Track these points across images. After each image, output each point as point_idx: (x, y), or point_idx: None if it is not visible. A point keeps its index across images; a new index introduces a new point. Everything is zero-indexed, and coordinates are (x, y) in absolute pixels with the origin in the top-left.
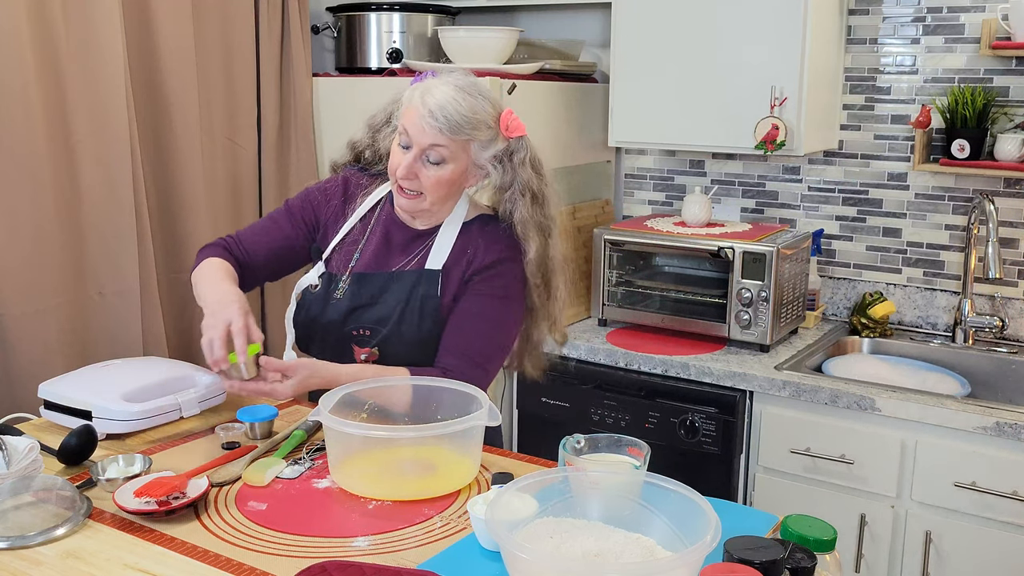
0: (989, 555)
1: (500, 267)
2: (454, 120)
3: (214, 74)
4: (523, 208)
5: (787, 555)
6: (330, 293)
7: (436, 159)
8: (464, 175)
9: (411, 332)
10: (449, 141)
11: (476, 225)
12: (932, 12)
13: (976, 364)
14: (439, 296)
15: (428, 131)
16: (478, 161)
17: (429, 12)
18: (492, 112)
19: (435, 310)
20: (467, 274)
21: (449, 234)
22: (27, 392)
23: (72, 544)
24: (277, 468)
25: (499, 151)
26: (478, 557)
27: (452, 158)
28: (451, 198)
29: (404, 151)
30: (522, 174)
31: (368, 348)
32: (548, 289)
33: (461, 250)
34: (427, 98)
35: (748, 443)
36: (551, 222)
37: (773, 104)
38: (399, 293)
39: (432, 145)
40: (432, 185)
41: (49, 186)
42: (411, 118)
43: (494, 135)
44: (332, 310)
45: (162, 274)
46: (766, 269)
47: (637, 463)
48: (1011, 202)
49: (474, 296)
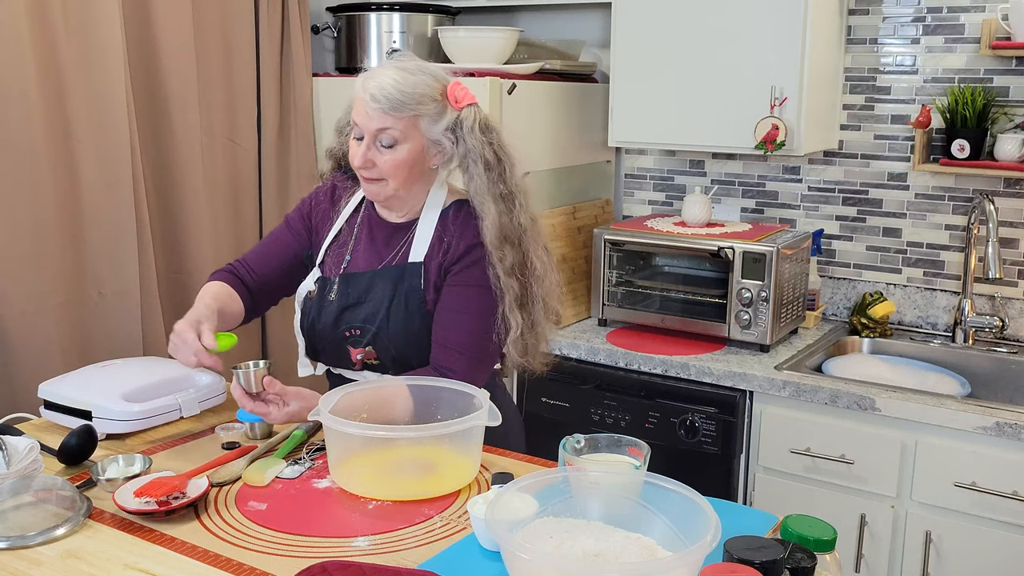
0: (989, 555)
1: (473, 253)
2: (396, 99)
3: (214, 74)
4: (478, 178)
5: (787, 555)
6: (324, 297)
7: (388, 142)
8: (421, 154)
9: (399, 327)
10: (395, 121)
11: (451, 211)
12: (932, 12)
13: (976, 364)
14: (422, 289)
15: (373, 115)
16: (432, 136)
17: (429, 12)
18: (436, 85)
19: (420, 303)
20: (444, 264)
21: (427, 224)
22: (27, 392)
23: (72, 544)
24: (277, 468)
25: (450, 123)
26: (478, 557)
27: (403, 138)
28: (416, 180)
29: (358, 142)
30: (472, 143)
31: (362, 348)
32: (525, 265)
33: (439, 239)
34: (368, 83)
35: (748, 443)
36: (514, 189)
37: (773, 104)
38: (384, 289)
39: (380, 129)
40: (390, 169)
41: (49, 186)
42: (357, 108)
43: (441, 108)
44: (326, 314)
45: (162, 274)
46: (766, 269)
47: (637, 463)
48: (1011, 202)
49: (455, 289)
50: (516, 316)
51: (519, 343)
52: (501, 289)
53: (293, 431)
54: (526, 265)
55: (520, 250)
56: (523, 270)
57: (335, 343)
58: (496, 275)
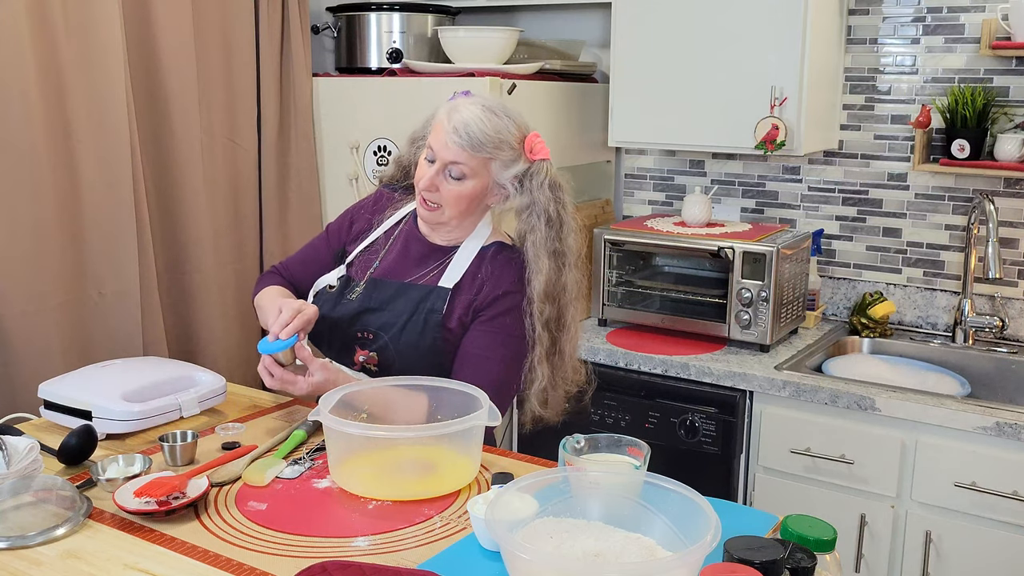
0: (989, 555)
1: (507, 300)
2: (476, 138)
3: (214, 74)
4: (538, 231)
5: (787, 555)
6: (345, 294)
7: (457, 175)
8: (484, 192)
9: (410, 343)
10: (470, 158)
11: (492, 251)
12: (932, 12)
13: (976, 364)
14: (443, 313)
15: (451, 147)
16: (499, 180)
17: (429, 12)
18: (516, 134)
19: (436, 326)
20: (475, 303)
21: (466, 255)
22: (27, 392)
23: (72, 544)
24: (277, 468)
25: (520, 172)
26: (478, 557)
27: (472, 175)
28: (470, 215)
29: (429, 165)
30: (539, 196)
31: (368, 351)
32: (560, 321)
33: (473, 274)
34: (453, 116)
35: (748, 443)
36: (567, 249)
37: (773, 104)
38: (407, 304)
39: (453, 162)
40: (452, 199)
41: (49, 186)
42: (437, 134)
43: (516, 156)
44: (342, 309)
45: (162, 274)
46: (766, 269)
47: (637, 463)
48: (1011, 202)
49: (484, 333)
50: (544, 368)
51: (541, 395)
52: (535, 340)
53: (293, 431)
54: (560, 322)
55: (558, 307)
56: (557, 326)
57: (344, 339)
58: (532, 325)
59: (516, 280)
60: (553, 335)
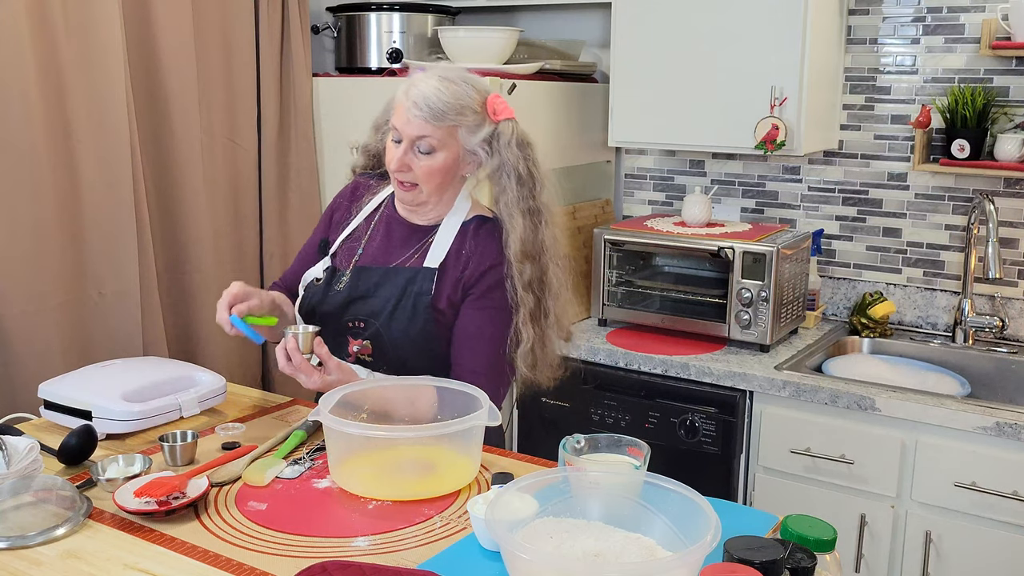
0: (989, 555)
1: (493, 273)
2: (438, 108)
3: (214, 74)
4: (509, 191)
5: (787, 555)
6: (332, 285)
7: (426, 149)
8: (456, 162)
9: (401, 328)
10: (435, 129)
11: (473, 225)
12: (932, 12)
13: (976, 364)
14: (431, 295)
15: (414, 122)
16: (468, 147)
17: (429, 12)
18: (477, 97)
19: (426, 308)
20: (463, 280)
21: (448, 232)
22: (27, 392)
23: (72, 544)
24: (277, 468)
25: (487, 135)
26: (478, 557)
27: (441, 146)
28: (447, 188)
29: (396, 145)
30: (508, 156)
31: (360, 340)
32: (543, 281)
33: (457, 251)
34: (411, 91)
35: (748, 443)
36: (542, 206)
37: (773, 104)
38: (394, 288)
39: (419, 136)
40: (425, 175)
41: (49, 186)
42: (398, 113)
43: (481, 120)
44: (331, 301)
45: (162, 274)
46: (766, 269)
47: (637, 463)
48: (1011, 202)
49: (476, 312)
50: (529, 330)
51: (529, 356)
52: (517, 302)
53: (293, 431)
54: (543, 282)
55: (539, 266)
56: (540, 286)
57: (336, 331)
58: (514, 287)
59: (499, 251)
60: (537, 295)
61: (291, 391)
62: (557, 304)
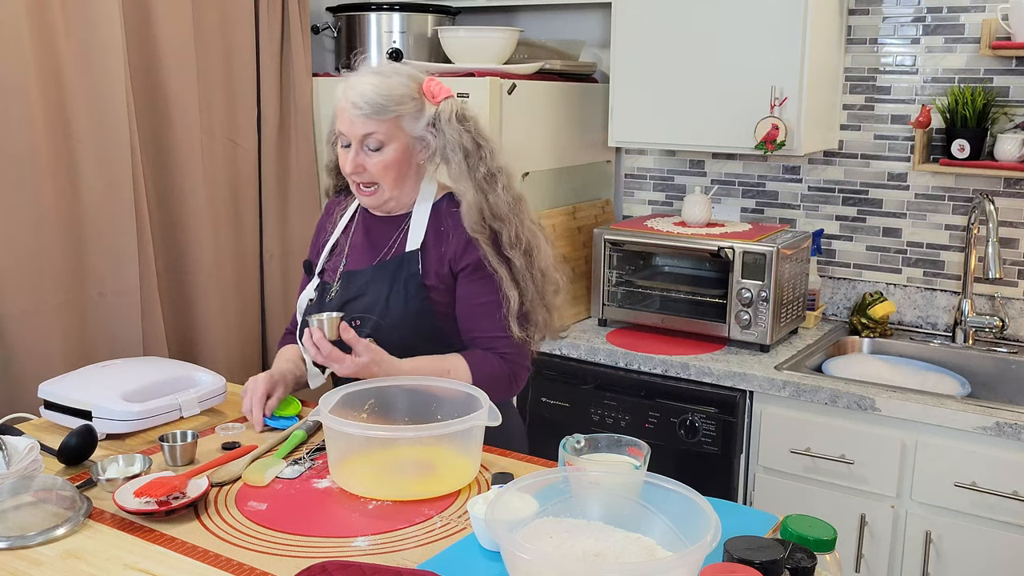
0: (989, 555)
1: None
2: (377, 103)
3: (214, 74)
4: (455, 164)
5: (787, 555)
6: (323, 300)
7: (375, 145)
8: (407, 152)
9: (398, 313)
10: (379, 124)
11: (444, 203)
12: (932, 12)
13: (976, 364)
14: (420, 275)
15: (357, 121)
16: (415, 134)
17: (429, 12)
18: (412, 84)
19: (418, 288)
20: (448, 255)
21: (421, 215)
22: (27, 392)
23: (72, 544)
24: (277, 468)
25: (430, 118)
26: (478, 557)
27: (389, 139)
28: (406, 179)
29: (346, 149)
30: (450, 132)
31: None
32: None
33: (435, 230)
34: (348, 92)
35: (748, 443)
36: (496, 171)
37: (773, 104)
38: (384, 281)
39: (365, 134)
40: (380, 171)
41: (49, 186)
42: (341, 117)
43: (421, 105)
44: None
45: (162, 274)
46: (766, 269)
47: (637, 463)
48: (1011, 202)
49: (471, 283)
50: (513, 292)
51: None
52: (495, 268)
53: (293, 431)
54: (518, 240)
55: (509, 226)
56: (515, 245)
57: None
58: (485, 255)
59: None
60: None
61: None
62: (539, 258)
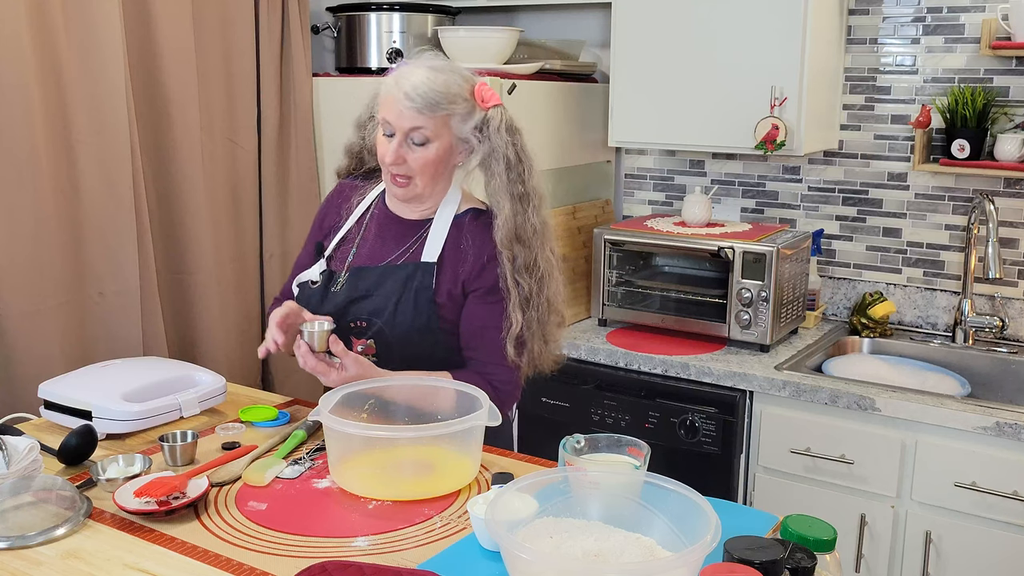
0: (989, 555)
1: (492, 265)
2: (430, 98)
3: (214, 74)
4: (498, 176)
5: (787, 555)
6: (328, 288)
7: (420, 140)
8: (449, 152)
9: (405, 324)
10: (428, 120)
11: (468, 218)
12: (932, 12)
13: (976, 364)
14: (433, 288)
15: (407, 113)
16: (461, 135)
17: (429, 12)
18: (466, 85)
19: (428, 302)
20: (463, 276)
21: (442, 225)
22: (27, 392)
23: (72, 544)
24: (277, 468)
25: (478, 122)
26: (478, 557)
27: (435, 136)
28: (441, 179)
29: (388, 139)
30: (497, 142)
31: (364, 340)
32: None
33: (454, 244)
34: (402, 82)
35: (748, 443)
36: (531, 191)
37: (773, 104)
38: (394, 285)
39: (413, 127)
40: (420, 167)
41: (49, 186)
42: (389, 105)
43: (471, 107)
44: (329, 303)
45: (162, 274)
46: (766, 269)
47: (637, 463)
48: (1011, 202)
49: (483, 305)
50: (518, 315)
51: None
52: (508, 288)
53: (293, 431)
54: (535, 265)
55: (530, 251)
56: (530, 271)
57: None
58: (503, 273)
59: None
60: (527, 281)
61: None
62: (548, 289)
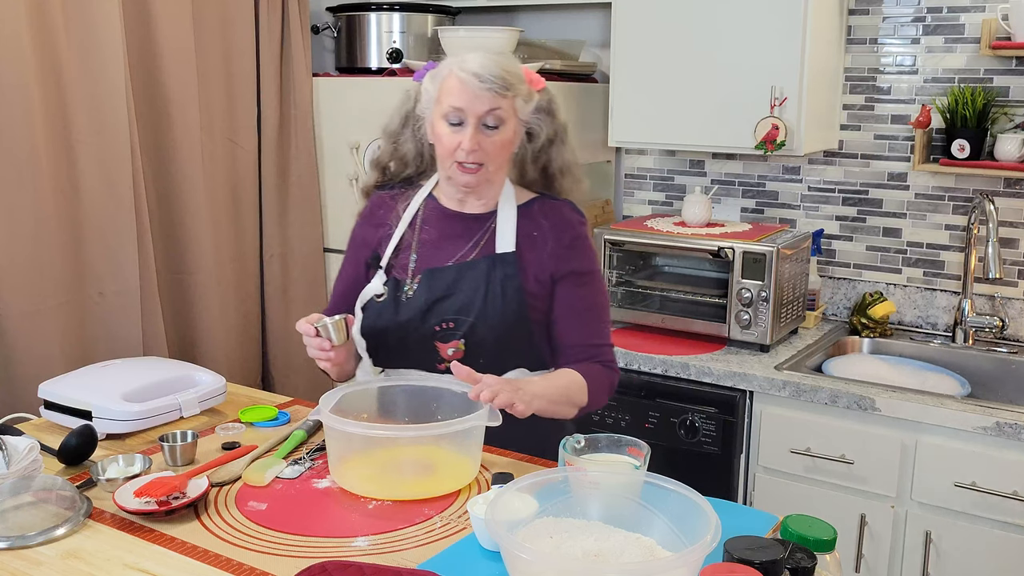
0: (989, 555)
1: (579, 244)
2: (503, 78)
3: (214, 74)
4: (566, 153)
5: (787, 555)
6: (398, 297)
7: (494, 123)
8: (516, 135)
9: (496, 316)
10: (503, 100)
11: (535, 206)
12: (932, 12)
13: (976, 364)
14: (519, 277)
15: (482, 95)
16: (523, 117)
17: (429, 12)
18: (520, 67)
19: (517, 291)
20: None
21: (508, 215)
22: (27, 392)
23: (72, 544)
24: (277, 468)
25: (537, 105)
26: (478, 557)
27: (508, 118)
28: (506, 165)
29: (457, 128)
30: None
31: (454, 342)
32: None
33: (528, 233)
34: (467, 66)
35: (748, 443)
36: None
37: (773, 104)
38: (475, 281)
39: (489, 110)
40: (495, 151)
41: (49, 186)
42: (459, 91)
43: (529, 90)
44: (406, 311)
45: (162, 274)
46: (766, 269)
47: (637, 463)
48: (1011, 202)
49: (575, 289)
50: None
51: None
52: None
53: (293, 431)
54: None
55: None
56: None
57: (420, 339)
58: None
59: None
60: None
61: (291, 391)
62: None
